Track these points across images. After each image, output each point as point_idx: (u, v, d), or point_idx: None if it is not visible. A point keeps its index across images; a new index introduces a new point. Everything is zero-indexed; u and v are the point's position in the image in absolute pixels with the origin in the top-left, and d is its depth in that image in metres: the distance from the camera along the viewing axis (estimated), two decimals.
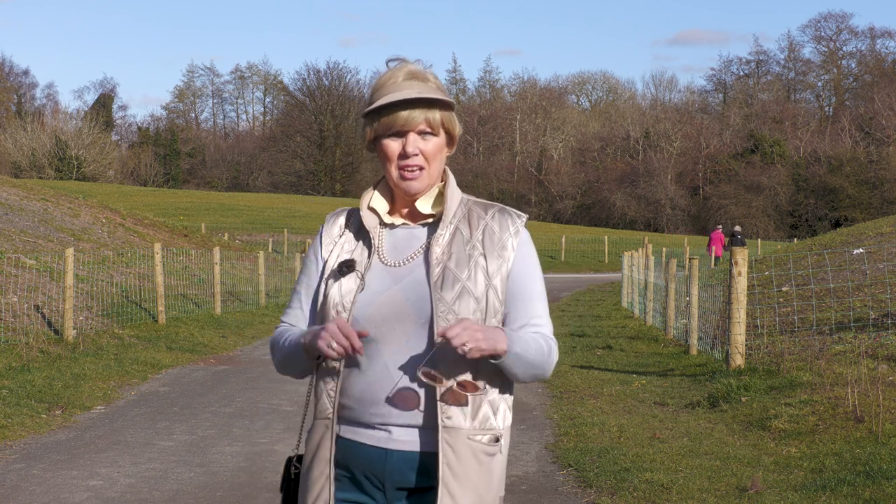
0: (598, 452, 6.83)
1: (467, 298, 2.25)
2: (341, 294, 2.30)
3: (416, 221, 2.38)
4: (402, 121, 2.29)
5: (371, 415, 2.27)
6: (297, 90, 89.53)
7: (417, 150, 2.30)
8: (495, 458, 2.32)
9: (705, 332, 12.13)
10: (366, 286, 2.30)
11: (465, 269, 2.28)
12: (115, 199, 44.84)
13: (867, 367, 8.07)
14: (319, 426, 2.34)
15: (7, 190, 20.54)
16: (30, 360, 10.17)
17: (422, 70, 2.35)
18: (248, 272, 21.71)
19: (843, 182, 68.47)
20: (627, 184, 77.37)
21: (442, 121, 2.33)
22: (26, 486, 6.06)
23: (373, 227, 2.37)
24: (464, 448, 2.24)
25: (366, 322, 2.26)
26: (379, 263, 2.33)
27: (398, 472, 2.27)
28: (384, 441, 2.27)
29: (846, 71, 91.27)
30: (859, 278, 12.41)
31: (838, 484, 5.61)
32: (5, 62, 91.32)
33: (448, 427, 2.23)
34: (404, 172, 2.31)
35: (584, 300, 24.21)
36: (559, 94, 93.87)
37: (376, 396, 2.26)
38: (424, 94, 2.28)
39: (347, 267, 2.32)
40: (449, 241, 2.32)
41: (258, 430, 7.88)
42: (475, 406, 2.27)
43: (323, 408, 2.34)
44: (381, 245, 2.36)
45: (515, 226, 2.37)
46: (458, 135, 2.40)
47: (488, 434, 2.29)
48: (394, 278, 2.30)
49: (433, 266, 2.28)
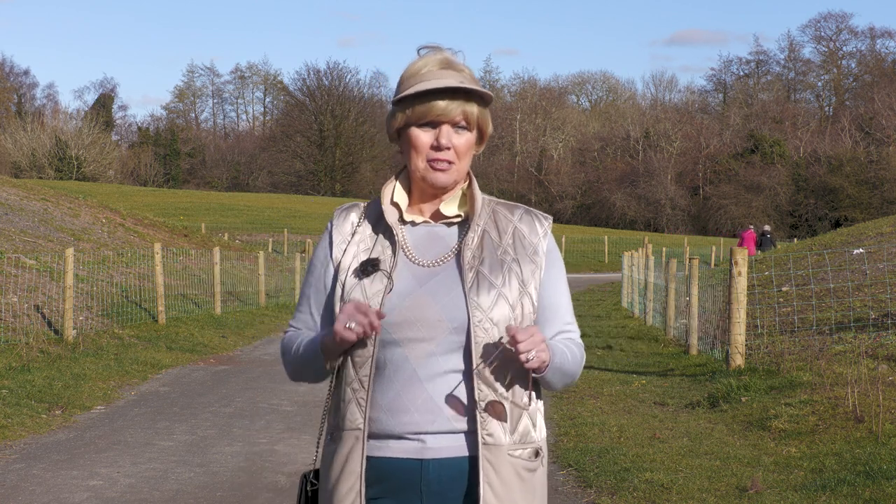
0: (598, 452, 6.83)
1: (503, 305, 2.14)
2: (367, 296, 2.14)
3: (437, 221, 2.24)
4: (438, 110, 2.13)
5: (402, 424, 2.12)
6: (297, 90, 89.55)
7: (450, 144, 2.15)
8: (537, 473, 2.20)
9: (705, 332, 12.13)
10: (395, 287, 2.14)
11: (500, 275, 2.16)
12: (115, 199, 44.84)
13: (867, 367, 8.06)
14: (348, 438, 2.16)
15: (7, 190, 20.54)
16: (30, 360, 10.17)
17: (457, 60, 2.20)
18: (248, 272, 21.72)
19: (843, 182, 68.46)
20: (627, 184, 77.37)
21: (478, 116, 2.18)
22: (26, 486, 6.06)
23: (395, 223, 2.21)
24: (505, 466, 2.12)
25: (391, 326, 2.11)
26: (404, 263, 2.18)
27: (436, 482, 2.13)
28: (418, 451, 2.12)
29: (846, 71, 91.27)
30: (859, 278, 12.41)
31: (838, 484, 5.61)
32: (5, 62, 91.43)
33: (489, 444, 2.11)
34: (433, 164, 2.15)
35: (584, 300, 24.21)
36: (559, 94, 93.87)
37: (405, 405, 2.12)
38: (465, 84, 2.13)
39: (372, 266, 2.16)
40: (479, 244, 2.19)
41: (258, 430, 7.87)
42: (515, 418, 2.15)
43: (352, 418, 2.15)
44: (406, 243, 2.21)
45: (543, 228, 2.26)
46: (489, 133, 2.24)
47: (529, 448, 2.18)
48: (419, 280, 2.15)
49: (465, 270, 2.14)
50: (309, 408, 8.79)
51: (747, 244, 31.34)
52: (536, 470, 2.19)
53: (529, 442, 2.18)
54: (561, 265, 2.28)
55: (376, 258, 2.17)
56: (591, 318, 18.56)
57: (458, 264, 2.17)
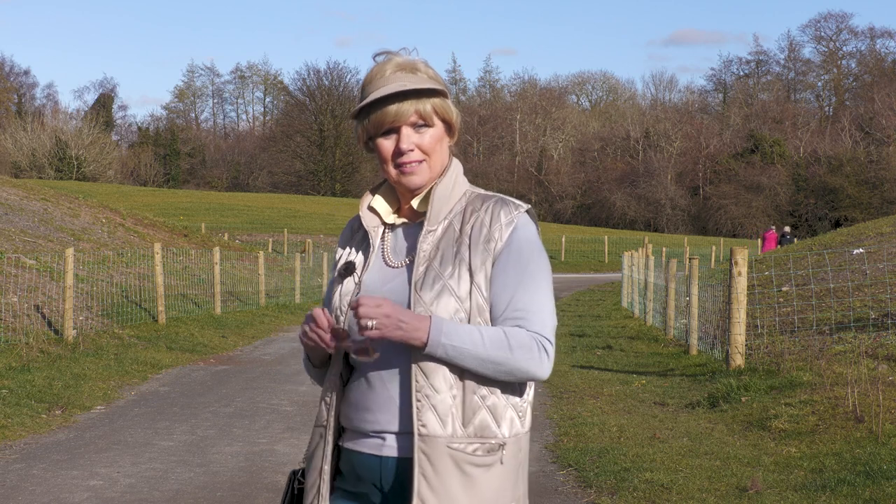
0: (598, 452, 6.83)
1: (447, 298, 2.11)
2: (340, 297, 2.24)
3: (415, 220, 2.27)
4: (391, 116, 2.15)
5: (366, 422, 2.18)
6: (297, 90, 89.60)
7: (413, 146, 2.17)
8: (491, 469, 2.12)
9: (705, 332, 12.13)
10: (362, 288, 2.22)
11: (449, 267, 2.14)
12: (115, 199, 44.86)
13: (867, 367, 8.07)
14: (315, 434, 2.28)
15: (7, 190, 20.54)
16: (30, 360, 10.17)
17: (410, 60, 2.20)
18: (248, 272, 21.72)
19: (843, 182, 68.47)
20: (627, 184, 77.37)
21: (435, 110, 2.18)
22: (26, 486, 6.05)
23: (373, 227, 2.27)
24: (443, 458, 2.08)
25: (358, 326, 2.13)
26: (379, 265, 2.25)
27: (395, 480, 2.16)
28: (378, 448, 2.17)
29: (846, 71, 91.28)
30: (859, 278, 12.41)
31: (838, 484, 5.61)
32: (5, 62, 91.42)
33: (423, 435, 2.09)
34: (402, 168, 2.18)
35: (584, 300, 24.20)
36: (559, 94, 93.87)
37: (369, 403, 2.17)
38: (410, 85, 2.14)
39: (346, 270, 2.25)
40: (439, 238, 2.19)
41: (258, 430, 7.87)
42: (466, 412, 2.11)
43: (321, 415, 2.27)
44: (385, 245, 2.27)
45: (510, 216, 2.17)
46: (456, 122, 2.24)
47: (486, 444, 2.12)
48: (384, 280, 2.21)
49: (418, 265, 2.16)
50: (309, 408, 8.79)
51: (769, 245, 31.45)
52: (491, 466, 2.12)
53: (488, 437, 2.12)
54: (523, 250, 2.16)
55: (352, 262, 2.26)
56: (591, 318, 18.54)
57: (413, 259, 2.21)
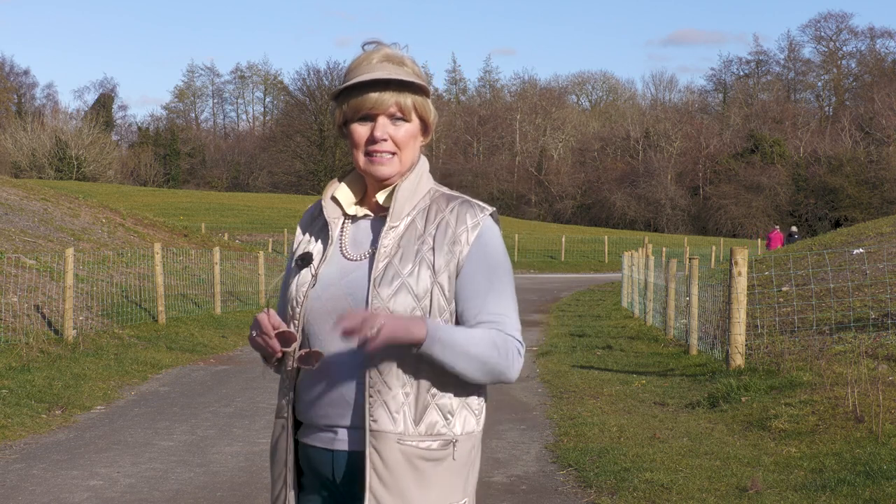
0: (598, 452, 6.83)
1: (405, 295, 2.12)
2: (296, 288, 2.22)
3: (378, 213, 2.25)
4: (370, 103, 2.15)
5: (319, 416, 2.19)
6: (297, 90, 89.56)
7: (387, 136, 2.16)
8: (443, 464, 2.15)
9: (705, 332, 12.13)
10: (318, 280, 2.20)
11: (409, 265, 2.14)
12: (115, 199, 44.86)
13: (867, 367, 8.07)
14: (277, 426, 2.28)
15: (7, 190, 20.54)
16: (30, 360, 10.17)
17: (398, 54, 2.20)
18: (248, 272, 21.72)
19: (843, 182, 68.48)
20: (627, 184, 77.37)
21: (414, 106, 2.18)
22: (26, 486, 6.06)
23: (334, 219, 2.26)
24: (393, 453, 2.11)
25: (312, 317, 2.18)
26: (337, 257, 2.23)
27: (346, 475, 2.18)
28: (330, 443, 2.18)
29: (846, 71, 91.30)
30: (859, 278, 12.41)
31: (838, 484, 5.61)
32: (5, 62, 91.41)
33: (374, 431, 2.11)
34: (373, 157, 2.18)
35: (584, 300, 24.20)
36: (559, 94, 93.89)
37: (320, 397, 2.18)
38: (394, 75, 2.14)
39: (303, 260, 2.23)
40: (401, 234, 2.18)
41: (258, 430, 7.87)
42: (418, 410, 2.13)
43: (281, 406, 2.28)
44: (344, 237, 2.25)
45: (475, 219, 2.18)
46: (433, 122, 2.24)
47: (439, 440, 2.15)
48: (343, 272, 2.19)
49: (378, 261, 2.15)
50: None
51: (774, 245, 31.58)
52: (443, 461, 2.15)
53: (437, 435, 2.14)
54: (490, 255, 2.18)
55: (309, 252, 2.24)
56: (591, 318, 18.54)
57: (372, 255, 2.19)
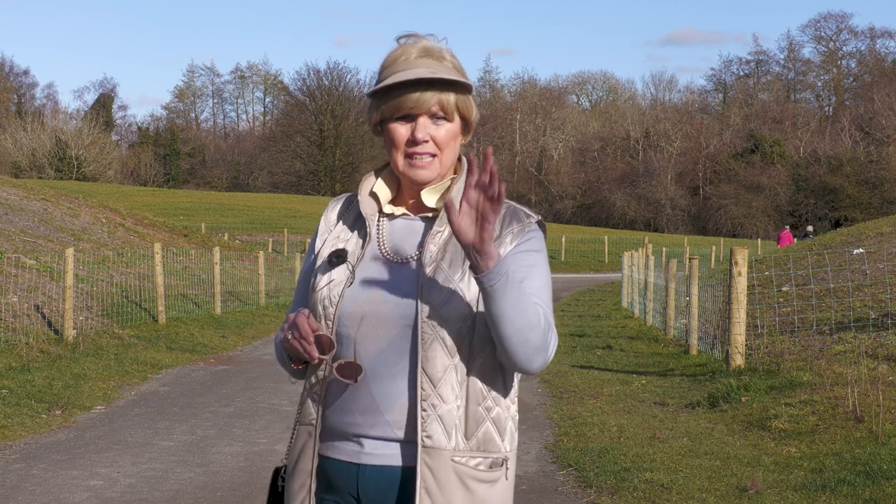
0: (598, 452, 6.83)
1: (457, 302, 2.00)
2: (329, 287, 2.07)
3: (417, 213, 2.13)
4: (411, 103, 2.02)
5: (345, 424, 2.04)
6: (297, 90, 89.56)
7: (428, 137, 2.04)
8: (496, 486, 2.03)
9: (705, 332, 12.13)
10: (356, 279, 2.06)
11: (459, 271, 2.02)
12: (115, 199, 44.86)
13: (867, 367, 8.06)
14: (302, 433, 2.12)
15: (7, 190, 20.54)
16: (30, 360, 10.17)
17: (437, 47, 2.08)
18: (248, 272, 21.72)
19: (843, 182, 68.50)
20: (627, 184, 77.38)
21: (457, 104, 2.06)
22: (26, 486, 6.05)
23: (370, 215, 2.13)
24: (447, 472, 1.97)
25: (347, 319, 2.03)
26: (374, 256, 2.10)
27: (373, 490, 2.03)
28: (356, 455, 2.03)
29: (846, 71, 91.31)
30: (859, 278, 12.41)
31: (838, 484, 5.61)
32: (5, 62, 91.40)
33: (428, 447, 1.97)
34: (412, 160, 2.05)
35: (584, 300, 24.20)
36: (559, 94, 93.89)
37: (349, 404, 2.03)
38: (439, 73, 2.02)
39: (338, 257, 2.09)
40: (447, 239, 2.06)
41: (258, 430, 7.87)
42: (469, 424, 2.00)
43: (307, 412, 2.11)
44: (381, 235, 2.12)
45: (521, 224, 2.09)
46: (475, 121, 2.13)
47: (490, 458, 2.02)
48: (381, 274, 2.06)
49: (425, 265, 2.03)
50: None
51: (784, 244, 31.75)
52: (496, 482, 2.03)
53: (491, 451, 2.02)
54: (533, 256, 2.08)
55: (343, 249, 2.10)
56: (591, 318, 18.54)
57: (419, 258, 2.06)
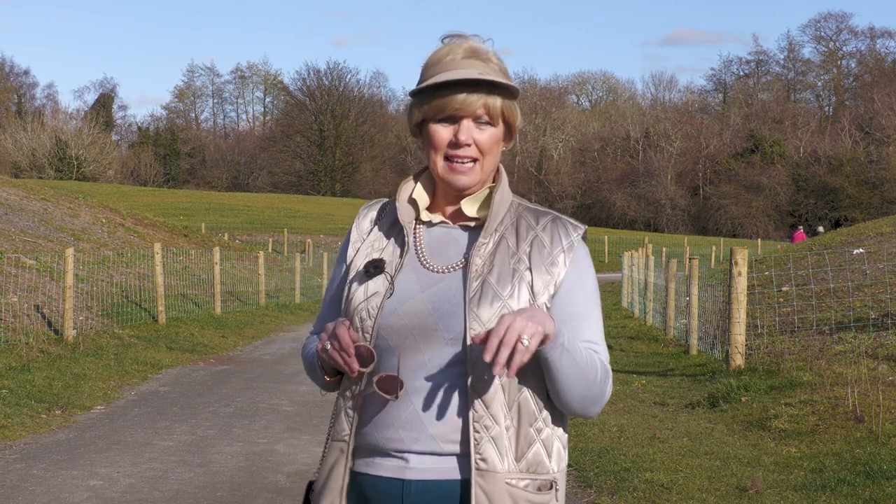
0: (598, 452, 6.83)
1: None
2: (367, 298, 1.98)
3: (455, 222, 2.05)
4: (456, 104, 1.95)
5: (386, 440, 1.95)
6: (297, 90, 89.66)
7: (471, 140, 1.97)
8: None
9: (705, 332, 12.13)
10: (396, 290, 1.98)
11: (508, 286, 1.95)
12: (115, 199, 44.86)
13: (867, 367, 8.06)
14: (334, 449, 2.03)
15: (7, 190, 20.54)
16: (30, 360, 10.17)
17: (484, 48, 2.01)
18: (248, 272, 21.73)
19: (843, 182, 68.52)
20: (627, 184, 77.40)
21: (502, 109, 1.99)
22: (26, 486, 6.05)
23: (408, 223, 2.04)
24: (502, 496, 1.90)
25: (387, 332, 1.95)
26: (413, 265, 2.01)
27: None
28: (400, 471, 1.94)
29: (846, 71, 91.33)
30: (859, 278, 12.41)
31: (838, 484, 5.61)
32: (5, 62, 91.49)
33: (482, 470, 1.90)
34: (453, 164, 1.97)
35: None
36: (559, 94, 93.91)
37: (390, 419, 1.95)
38: (486, 75, 1.95)
39: (375, 267, 2.00)
40: (492, 251, 1.99)
41: (258, 430, 7.87)
42: (522, 444, 1.94)
43: (340, 428, 2.02)
44: (419, 244, 2.04)
45: (570, 239, 2.04)
46: (518, 127, 2.05)
47: (539, 479, 1.95)
48: (422, 285, 1.98)
49: (471, 279, 1.95)
50: (309, 408, 8.79)
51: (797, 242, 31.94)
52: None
53: (541, 473, 1.95)
54: (586, 280, 2.05)
55: (381, 259, 2.01)
56: None
57: (464, 271, 1.98)
